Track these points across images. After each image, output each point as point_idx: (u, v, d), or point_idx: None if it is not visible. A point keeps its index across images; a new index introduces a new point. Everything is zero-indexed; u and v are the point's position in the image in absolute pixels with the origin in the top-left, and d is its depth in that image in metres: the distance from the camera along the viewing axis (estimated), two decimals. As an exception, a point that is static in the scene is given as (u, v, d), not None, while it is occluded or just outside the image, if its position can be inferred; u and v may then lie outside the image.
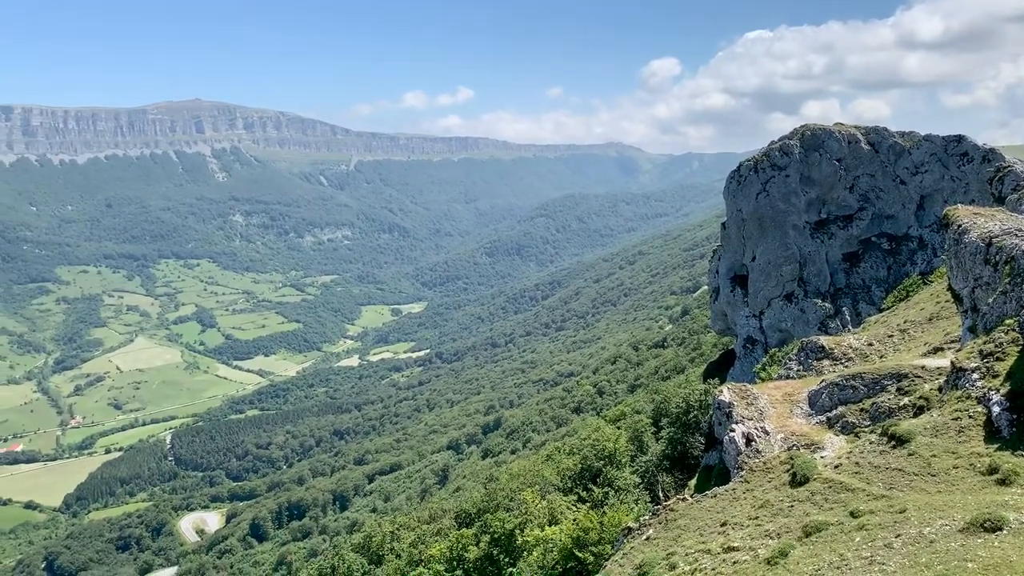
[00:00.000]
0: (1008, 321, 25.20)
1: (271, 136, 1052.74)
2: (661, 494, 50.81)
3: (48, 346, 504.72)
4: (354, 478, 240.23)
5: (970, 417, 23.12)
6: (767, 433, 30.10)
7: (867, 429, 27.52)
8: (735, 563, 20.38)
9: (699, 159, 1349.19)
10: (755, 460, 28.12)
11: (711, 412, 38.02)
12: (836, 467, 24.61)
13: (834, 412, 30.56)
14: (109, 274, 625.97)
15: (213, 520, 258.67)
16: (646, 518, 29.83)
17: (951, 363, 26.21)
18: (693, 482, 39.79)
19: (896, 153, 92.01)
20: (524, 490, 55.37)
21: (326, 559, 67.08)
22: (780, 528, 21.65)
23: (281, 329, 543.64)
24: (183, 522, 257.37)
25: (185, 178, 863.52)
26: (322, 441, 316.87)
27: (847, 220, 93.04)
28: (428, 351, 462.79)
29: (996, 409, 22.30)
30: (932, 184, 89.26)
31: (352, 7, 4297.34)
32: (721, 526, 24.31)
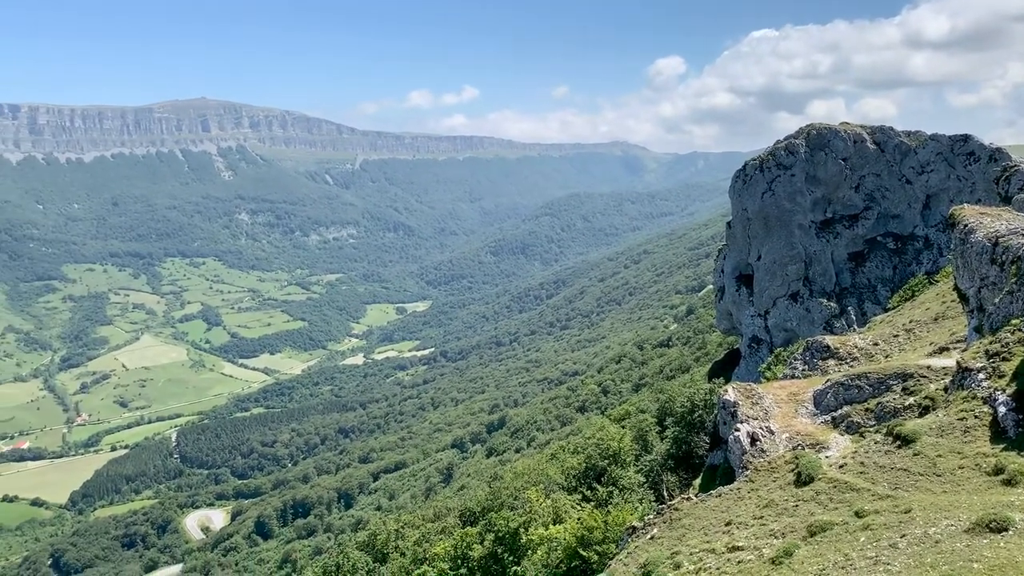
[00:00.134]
0: (1014, 321, 25.13)
1: (277, 135, 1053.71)
2: (666, 493, 50.83)
3: (54, 344, 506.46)
4: (359, 476, 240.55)
5: (976, 417, 23.07)
6: (772, 433, 30.07)
7: (872, 429, 27.47)
8: (740, 563, 20.37)
9: (704, 158, 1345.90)
10: (760, 460, 28.09)
11: (716, 411, 38.00)
12: (841, 467, 24.57)
13: (839, 412, 30.52)
14: (115, 272, 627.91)
15: (218, 518, 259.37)
16: (650, 517, 29.83)
17: (957, 363, 26.15)
18: (698, 481, 39.81)
19: (902, 152, 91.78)
20: (528, 489, 55.44)
21: (331, 557, 67.26)
22: (785, 528, 21.64)
23: (286, 327, 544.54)
24: (188, 520, 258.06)
25: (191, 177, 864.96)
26: (327, 439, 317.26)
27: (853, 220, 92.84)
28: (433, 350, 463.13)
29: (1002, 409, 22.25)
30: (938, 183, 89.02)
31: (358, 6, 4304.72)
32: (726, 525, 24.29)
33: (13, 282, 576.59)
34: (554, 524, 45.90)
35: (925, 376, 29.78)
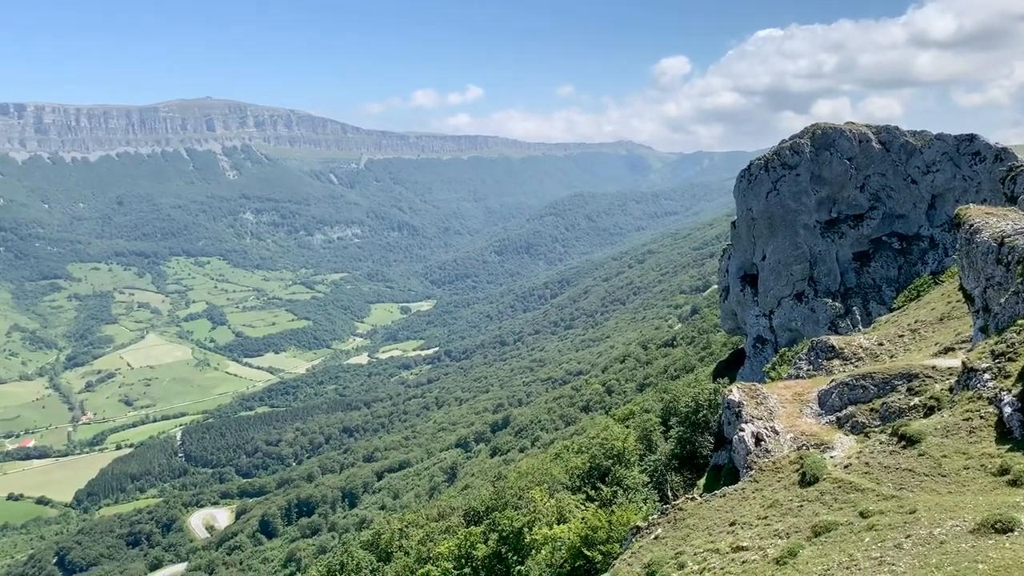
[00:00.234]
0: (1020, 321, 25.07)
1: (282, 134, 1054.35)
2: (670, 493, 50.76)
3: (60, 343, 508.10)
4: (363, 475, 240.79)
5: (981, 418, 23.02)
6: (777, 433, 30.03)
7: (877, 429, 27.41)
8: (744, 563, 20.36)
9: (709, 158, 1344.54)
10: (764, 460, 28.05)
11: (720, 411, 37.95)
12: (846, 467, 24.53)
13: (844, 412, 30.46)
14: (120, 271, 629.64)
15: (223, 516, 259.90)
16: (655, 517, 29.81)
17: (962, 363, 26.10)
18: (702, 481, 39.77)
19: (907, 152, 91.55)
20: (533, 488, 55.40)
21: (335, 556, 67.35)
22: (789, 528, 21.61)
23: (291, 326, 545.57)
24: (193, 518, 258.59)
25: (196, 176, 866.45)
26: (331, 438, 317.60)
27: (858, 219, 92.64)
28: (437, 349, 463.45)
29: (1008, 410, 22.19)
30: (944, 183, 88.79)
31: (363, 6, 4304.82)
32: (730, 525, 24.27)
33: (19, 281, 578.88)
34: (558, 524, 45.89)
35: (930, 376, 29.71)
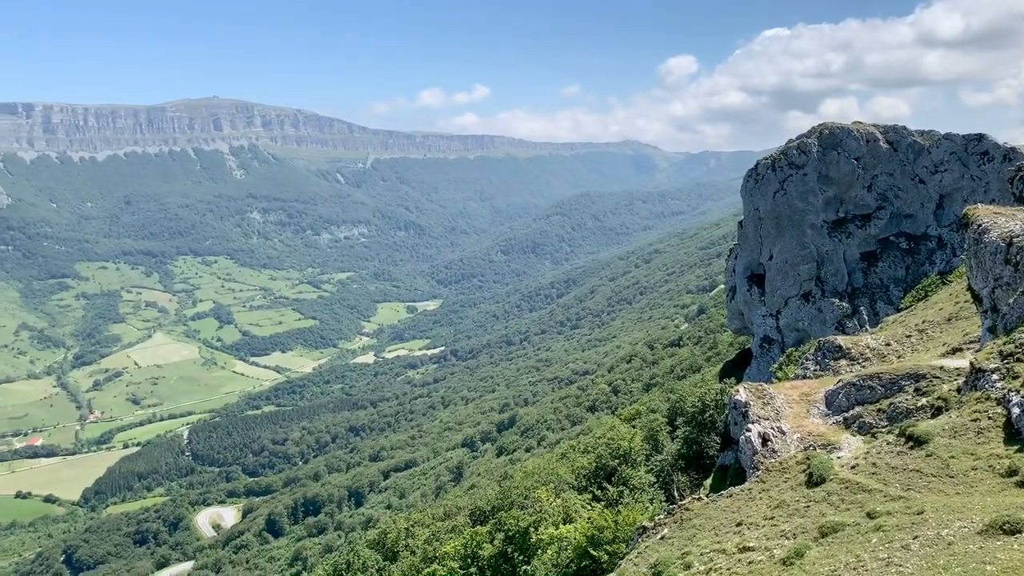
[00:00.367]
0: (1029, 322, 24.96)
1: (289, 134, 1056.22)
2: (676, 493, 50.70)
3: (67, 341, 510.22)
4: (369, 475, 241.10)
5: (989, 418, 22.93)
6: (783, 433, 29.97)
7: (884, 430, 27.33)
8: (750, 563, 20.32)
9: (716, 157, 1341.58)
10: (771, 460, 28.00)
11: (727, 411, 37.91)
12: (853, 468, 24.47)
13: (851, 412, 30.38)
14: (128, 270, 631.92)
15: (229, 515, 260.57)
16: (661, 517, 29.79)
17: (970, 364, 26.00)
18: (708, 482, 39.75)
19: (915, 152, 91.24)
20: (539, 488, 55.40)
21: (341, 555, 67.55)
22: (796, 528, 21.57)
23: (298, 326, 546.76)
24: (200, 517, 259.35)
25: (203, 175, 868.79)
26: (338, 437, 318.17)
27: (865, 219, 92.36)
28: (443, 348, 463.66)
29: (1016, 411, 22.10)
30: (951, 183, 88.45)
31: (370, 5, 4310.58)
32: (736, 526, 24.24)
33: (27, 280, 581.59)
34: (564, 524, 45.90)
35: (938, 377, 29.62)
